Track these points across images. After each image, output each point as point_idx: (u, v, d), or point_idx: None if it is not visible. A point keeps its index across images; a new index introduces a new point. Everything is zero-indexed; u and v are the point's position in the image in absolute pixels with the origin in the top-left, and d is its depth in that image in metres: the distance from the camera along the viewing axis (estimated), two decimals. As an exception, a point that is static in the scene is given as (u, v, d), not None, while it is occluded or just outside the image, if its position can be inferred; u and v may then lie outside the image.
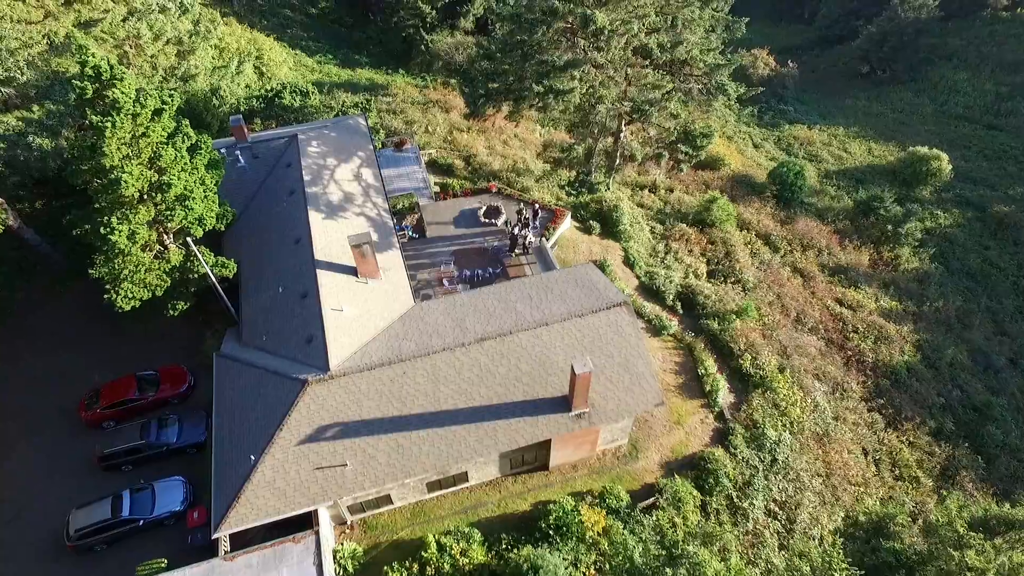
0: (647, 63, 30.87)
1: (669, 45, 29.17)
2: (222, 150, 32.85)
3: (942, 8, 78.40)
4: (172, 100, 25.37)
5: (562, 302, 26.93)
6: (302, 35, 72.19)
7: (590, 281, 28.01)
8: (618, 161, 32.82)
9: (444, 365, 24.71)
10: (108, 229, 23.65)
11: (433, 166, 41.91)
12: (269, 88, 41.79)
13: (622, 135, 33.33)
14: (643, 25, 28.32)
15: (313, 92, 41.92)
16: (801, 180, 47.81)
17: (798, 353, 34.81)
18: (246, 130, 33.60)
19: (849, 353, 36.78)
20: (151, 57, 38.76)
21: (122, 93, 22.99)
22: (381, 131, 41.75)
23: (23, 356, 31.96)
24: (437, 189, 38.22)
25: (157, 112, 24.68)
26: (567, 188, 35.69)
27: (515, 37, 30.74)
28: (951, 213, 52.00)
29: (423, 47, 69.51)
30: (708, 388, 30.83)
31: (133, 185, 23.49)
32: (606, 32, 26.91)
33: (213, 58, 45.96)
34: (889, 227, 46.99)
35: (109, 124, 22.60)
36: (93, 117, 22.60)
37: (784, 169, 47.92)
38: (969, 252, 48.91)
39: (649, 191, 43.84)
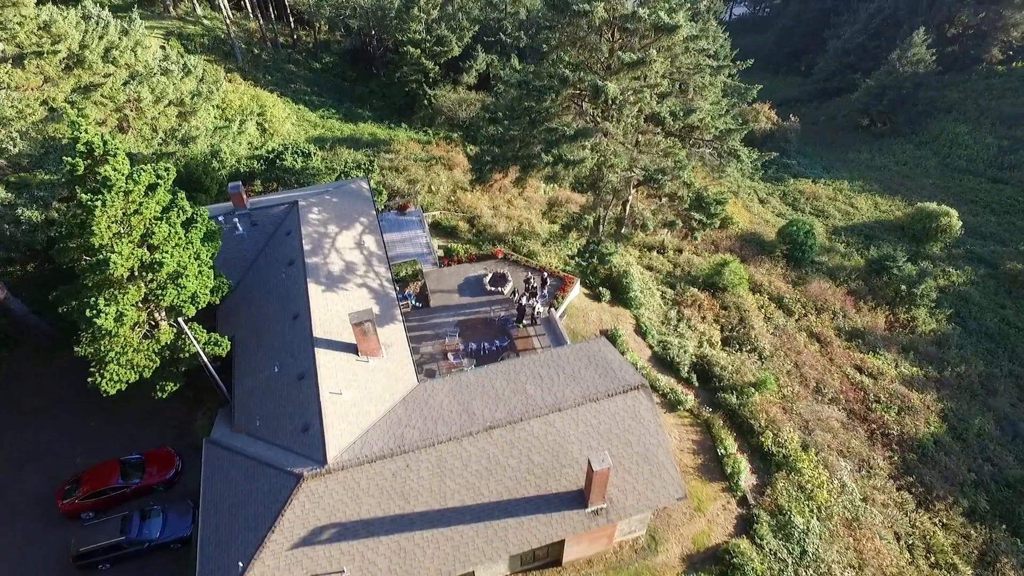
0: (658, 130, 30.18)
1: (682, 113, 28.47)
2: (219, 218, 31.79)
3: (938, 62, 79.35)
4: (168, 174, 24.33)
5: (575, 383, 25.38)
6: (305, 90, 72.54)
7: (604, 359, 26.51)
8: (629, 229, 31.83)
9: (450, 457, 22.97)
10: (94, 312, 22.24)
11: (437, 228, 40.91)
12: (270, 149, 41.09)
13: (630, 199, 32.37)
14: (655, 93, 27.70)
15: (315, 153, 41.21)
16: (812, 239, 46.88)
17: (821, 428, 33.05)
18: (245, 196, 32.60)
19: (873, 425, 35.02)
20: (151, 120, 38.15)
21: (114, 170, 21.95)
22: (384, 192, 40.88)
23: (2, 433, 30.17)
24: (441, 254, 37.08)
25: (151, 187, 23.61)
26: (577, 258, 34.59)
27: (523, 104, 30.11)
28: (964, 271, 50.95)
29: (426, 102, 69.90)
30: (729, 470, 28.98)
31: (122, 265, 22.20)
32: (618, 102, 26.21)
33: (215, 118, 45.47)
34: (903, 287, 45.84)
35: (99, 203, 21.45)
36: (83, 195, 21.47)
37: (794, 228, 47.03)
38: (985, 311, 47.61)
39: (657, 252, 42.81)
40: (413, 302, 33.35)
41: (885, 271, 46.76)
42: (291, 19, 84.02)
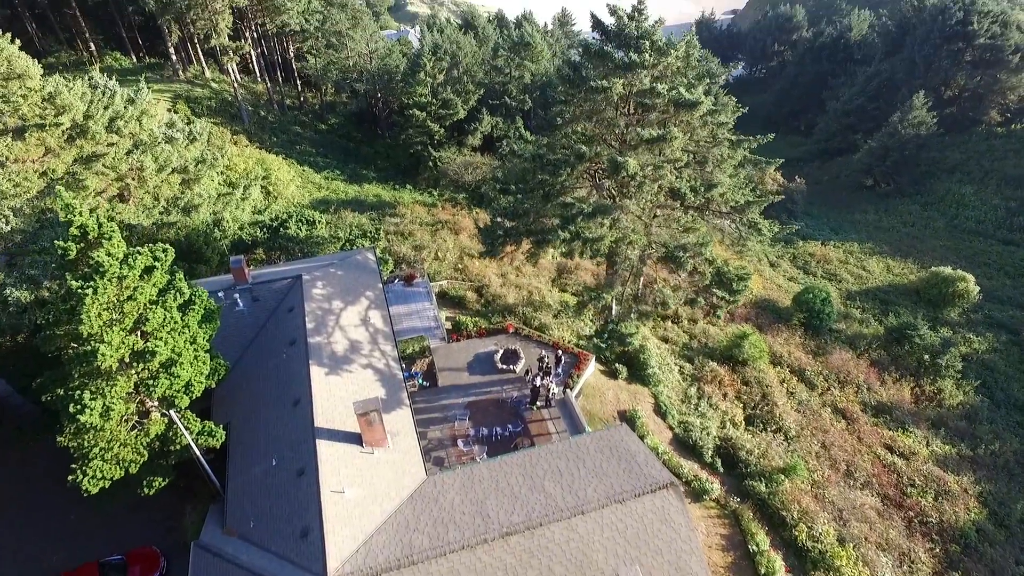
0: (677, 204, 29.24)
1: (703, 188, 27.56)
2: (220, 294, 30.42)
3: (939, 124, 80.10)
4: (166, 256, 23.02)
5: (598, 480, 23.41)
6: (310, 151, 72.70)
7: (627, 451, 24.62)
8: (648, 306, 30.53)
9: (464, 568, 20.79)
10: (78, 407, 20.49)
11: (444, 298, 39.53)
12: (274, 216, 40.12)
13: (648, 273, 31.13)
14: (674, 168, 26.87)
15: (320, 220, 40.26)
16: (829, 307, 45.53)
17: (856, 518, 30.77)
18: (247, 270, 31.29)
19: (910, 513, 32.71)
20: (154, 188, 37.27)
21: (108, 255, 20.61)
22: (389, 260, 39.70)
23: (-26, 528, 27.86)
24: (449, 327, 35.57)
25: (147, 270, 22.25)
26: (595, 339, 33.09)
27: (536, 176, 29.25)
28: (985, 338, 49.41)
29: (431, 164, 69.86)
30: (763, 570, 26.59)
31: (112, 356, 20.60)
32: (637, 178, 25.28)
33: (219, 183, 44.76)
34: (926, 356, 44.19)
35: (90, 290, 20.02)
36: (73, 283, 20.06)
37: (810, 296, 45.75)
38: (1012, 381, 45.82)
39: (672, 322, 41.38)
40: (420, 381, 31.60)
41: (907, 340, 45.18)
42: (298, 82, 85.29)
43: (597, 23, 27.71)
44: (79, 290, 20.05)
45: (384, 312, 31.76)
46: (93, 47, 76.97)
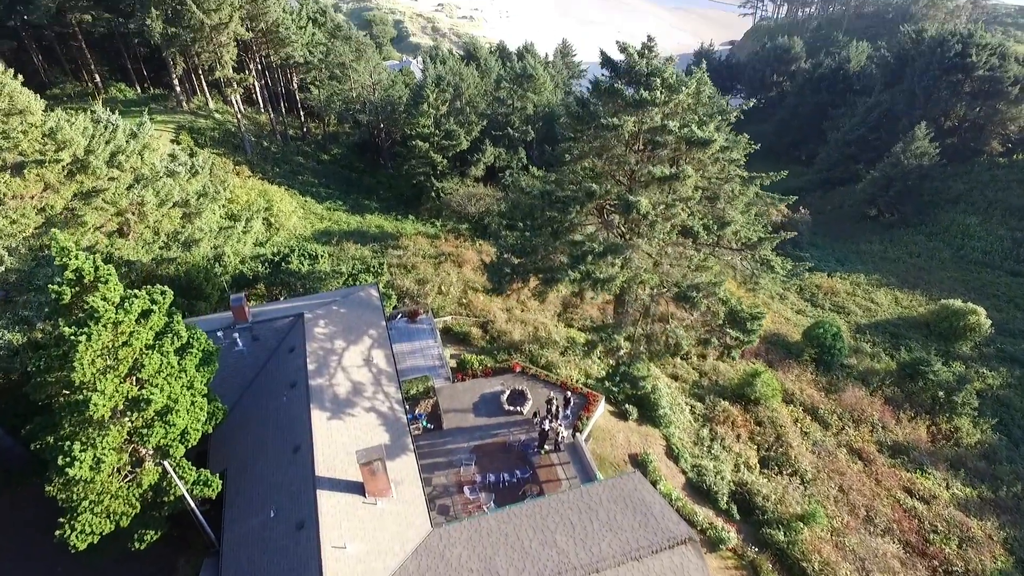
0: (689, 242, 28.62)
1: (716, 226, 26.96)
2: (219, 333, 29.58)
3: (940, 154, 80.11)
4: (164, 298, 22.27)
5: (612, 533, 22.29)
6: (313, 182, 72.53)
7: (642, 501, 23.53)
8: (660, 348, 29.71)
9: (472, 633, 19.60)
10: (67, 460, 19.50)
11: (448, 334, 38.68)
12: (275, 251, 39.46)
13: (656, 312, 30.31)
14: (687, 206, 26.31)
15: (322, 255, 39.57)
16: (840, 342, 44.69)
17: (879, 568, 29.47)
18: (247, 309, 30.50)
19: (934, 562, 31.37)
20: (154, 223, 36.70)
21: (104, 299, 19.84)
22: (392, 295, 38.94)
23: (-46, 580, 26.58)
24: (454, 364, 34.66)
25: (144, 314, 21.46)
26: (607, 383, 32.19)
27: (544, 213, 28.68)
28: (999, 373, 48.40)
29: (433, 194, 69.65)
30: (785, 627, 25.29)
31: (104, 406, 19.68)
32: (650, 217, 24.68)
33: (221, 217, 44.24)
34: (941, 393, 43.19)
35: (84, 337, 19.20)
36: (66, 329, 19.25)
37: (820, 331, 44.93)
38: (1029, 418, 44.72)
39: (681, 358, 40.49)
40: (424, 423, 30.58)
41: (920, 376, 44.22)
42: (301, 112, 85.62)
43: (607, 60, 27.44)
44: (72, 337, 19.24)
45: (388, 351, 30.88)
46: (98, 78, 77.38)
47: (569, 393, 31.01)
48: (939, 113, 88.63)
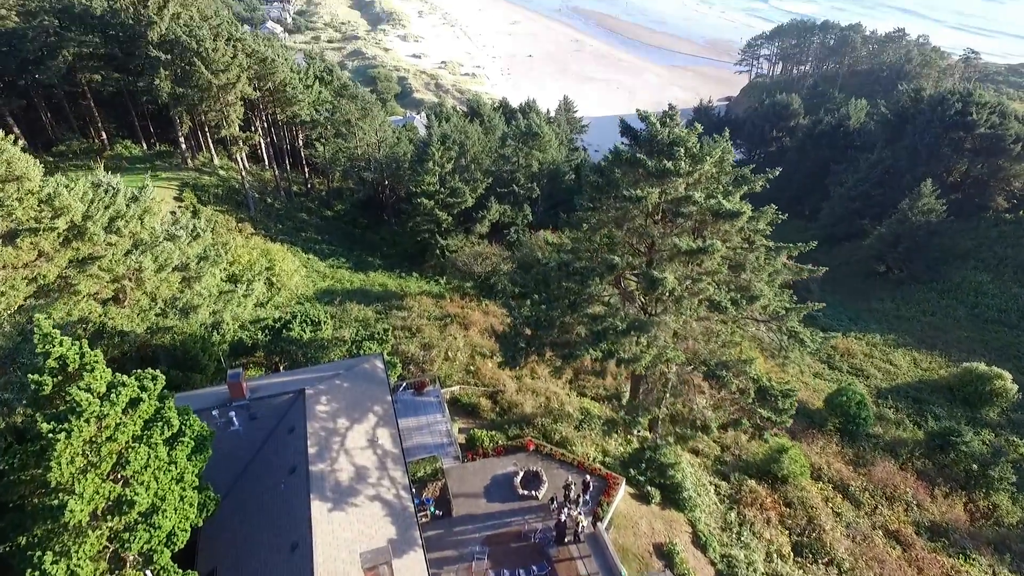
0: (716, 316, 27.14)
1: (744, 301, 25.51)
2: (214, 412, 27.70)
3: (947, 210, 79.72)
4: (155, 384, 20.54)
5: (645, 650, 19.91)
6: (316, 239, 71.69)
7: (675, 609, 21.21)
8: (687, 429, 27.86)
9: None
10: (37, 572, 17.38)
11: (456, 405, 36.73)
12: (276, 317, 37.94)
13: (682, 391, 28.53)
14: (713, 279, 24.96)
15: (325, 320, 38.01)
16: (865, 411, 42.69)
17: (933, 674, 26.72)
18: (244, 386, 28.70)
19: (990, 664, 28.59)
20: (152, 290, 35.26)
21: (88, 390, 18.13)
22: (397, 363, 37.17)
23: None
24: (463, 440, 32.60)
25: (133, 403, 19.70)
26: (632, 470, 30.14)
27: (561, 285, 27.29)
28: (1030, 441, 46.16)
29: (438, 252, 68.75)
30: None
31: (82, 511, 17.70)
32: (676, 293, 23.28)
33: (221, 280, 42.91)
34: (975, 466, 40.90)
35: (63, 434, 17.40)
36: (44, 425, 17.46)
37: (844, 399, 43.00)
38: (1067, 492, 42.24)
39: (702, 431, 38.33)
40: (432, 509, 28.33)
41: (951, 447, 41.99)
42: (306, 168, 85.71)
43: (626, 129, 26.61)
44: (50, 433, 17.44)
45: (393, 430, 28.88)
46: (105, 135, 77.70)
47: (588, 476, 28.85)
48: (942, 169, 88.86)
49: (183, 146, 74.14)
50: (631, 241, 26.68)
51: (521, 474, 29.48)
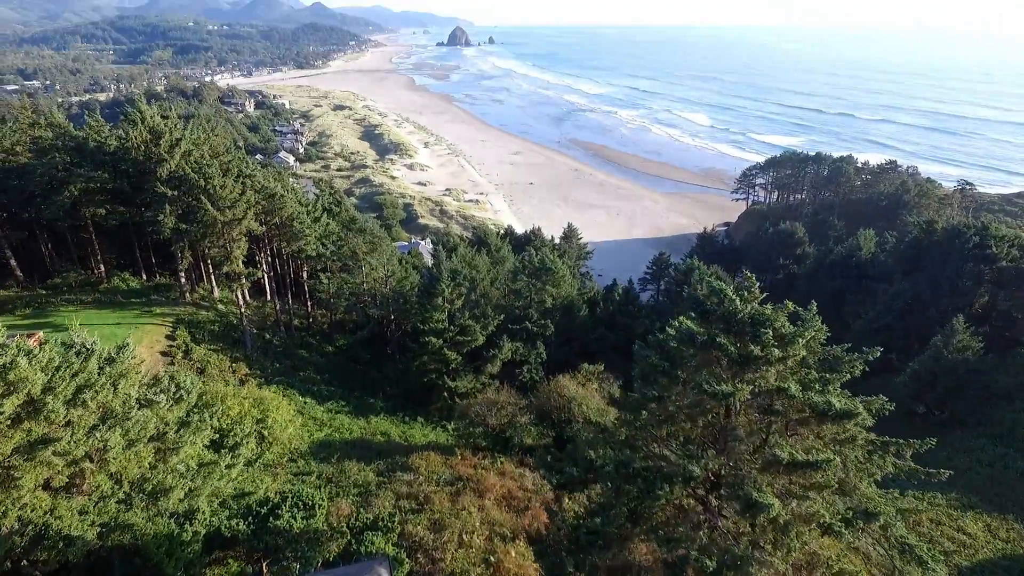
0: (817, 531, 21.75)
1: (860, 521, 20.25)
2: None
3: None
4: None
5: None
6: (315, 378, 66.71)
7: None
8: None
9: None
10: None
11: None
12: (262, 500, 32.07)
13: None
14: (823, 496, 19.95)
15: (319, 503, 32.11)
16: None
17: None
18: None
19: None
20: (117, 470, 29.71)
21: None
22: (405, 560, 30.82)
23: None
24: None
25: None
26: None
27: (622, 490, 22.09)
28: None
29: (445, 394, 63.70)
30: None
31: None
32: (780, 521, 18.16)
33: (204, 447, 37.36)
34: None
35: None
36: None
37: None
38: None
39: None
40: None
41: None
42: (308, 301, 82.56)
43: (695, 302, 22.74)
44: None
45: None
46: (103, 267, 75.29)
47: None
48: (965, 302, 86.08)
49: (183, 280, 71.35)
50: (709, 439, 21.91)
51: None
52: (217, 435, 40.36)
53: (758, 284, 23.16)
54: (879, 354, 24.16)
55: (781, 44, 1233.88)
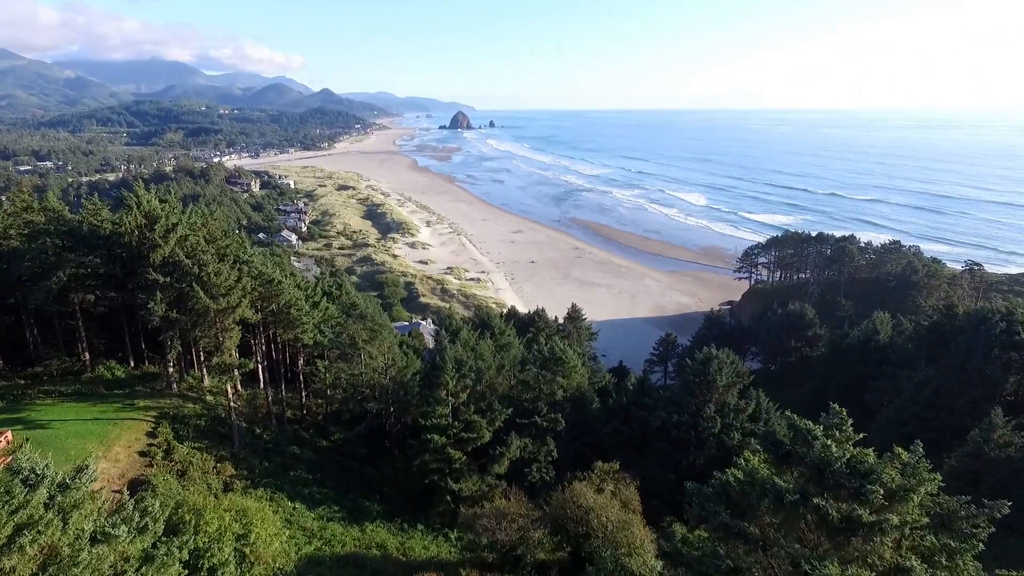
0: None
1: None
2: None
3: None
4: None
5: None
6: (306, 478, 61.14)
7: None
8: None
9: None
10: None
11: None
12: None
13: None
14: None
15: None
16: None
17: None
18: None
19: None
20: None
21: None
22: None
23: None
24: None
25: None
26: None
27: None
28: None
29: (448, 497, 58.15)
30: None
31: None
32: None
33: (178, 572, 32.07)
34: None
35: None
36: None
37: None
38: None
39: None
40: None
41: None
42: (303, 390, 77.93)
43: (771, 441, 18.80)
44: None
45: None
46: (89, 355, 71.28)
47: None
48: (998, 392, 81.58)
49: (170, 370, 67.06)
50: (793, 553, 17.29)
51: None
52: (191, 558, 35.20)
53: (844, 414, 19.25)
54: (1007, 509, 19.80)
55: (770, 128, 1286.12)
